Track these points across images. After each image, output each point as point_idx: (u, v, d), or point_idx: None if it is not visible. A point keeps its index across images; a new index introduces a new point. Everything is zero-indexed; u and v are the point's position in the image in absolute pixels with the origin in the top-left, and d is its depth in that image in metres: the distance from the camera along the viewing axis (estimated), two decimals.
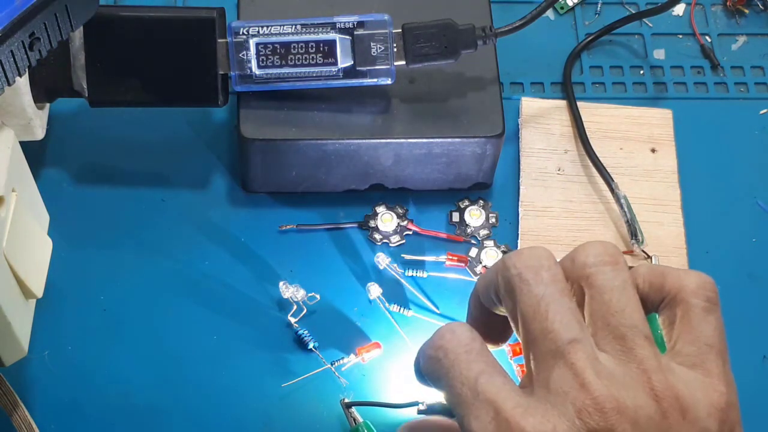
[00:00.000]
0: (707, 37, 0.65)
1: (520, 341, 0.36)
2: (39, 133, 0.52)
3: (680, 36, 0.65)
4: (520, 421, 0.33)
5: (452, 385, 0.36)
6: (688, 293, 0.36)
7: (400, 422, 0.49)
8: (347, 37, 0.52)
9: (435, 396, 0.49)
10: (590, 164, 0.58)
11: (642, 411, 0.33)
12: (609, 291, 0.36)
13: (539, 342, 0.35)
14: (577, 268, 0.37)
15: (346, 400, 0.49)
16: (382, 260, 0.54)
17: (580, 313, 0.36)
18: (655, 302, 0.37)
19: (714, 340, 0.36)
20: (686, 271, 0.38)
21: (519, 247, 0.55)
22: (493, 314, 0.40)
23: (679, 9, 0.66)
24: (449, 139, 0.54)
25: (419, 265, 0.55)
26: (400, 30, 0.52)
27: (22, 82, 0.49)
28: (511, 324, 0.37)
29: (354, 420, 0.49)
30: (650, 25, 0.65)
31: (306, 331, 0.52)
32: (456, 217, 0.57)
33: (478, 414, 0.34)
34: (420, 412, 0.49)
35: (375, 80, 0.53)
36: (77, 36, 0.51)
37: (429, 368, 0.38)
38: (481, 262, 0.55)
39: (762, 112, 0.62)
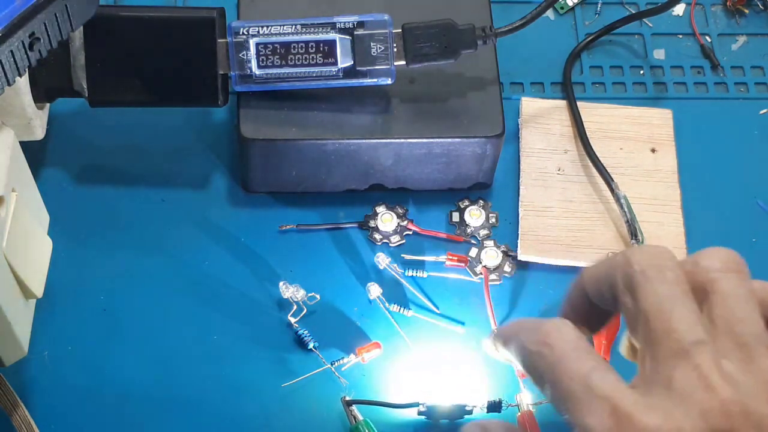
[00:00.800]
0: (707, 37, 0.65)
1: (636, 341, 0.36)
2: (39, 133, 0.52)
3: (680, 36, 0.65)
4: (642, 417, 0.33)
5: (559, 380, 0.35)
6: None
7: (400, 422, 0.50)
8: (347, 37, 0.52)
9: (435, 398, 0.49)
10: (590, 164, 0.58)
11: (766, 420, 0.33)
12: (734, 298, 0.35)
13: (661, 341, 0.34)
14: (701, 272, 0.36)
15: (347, 398, 0.49)
16: (382, 260, 0.54)
17: (704, 317, 0.35)
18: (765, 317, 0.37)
19: None
20: None
21: (519, 248, 0.55)
22: (594, 307, 0.39)
23: (679, 9, 0.66)
24: (449, 139, 0.54)
25: (419, 265, 0.55)
26: (400, 30, 0.52)
27: (22, 82, 0.49)
28: (627, 322, 0.36)
29: (354, 418, 0.49)
30: (650, 25, 0.65)
31: (306, 331, 0.52)
32: (456, 217, 0.57)
33: (594, 410, 0.33)
34: (420, 413, 0.49)
35: (375, 80, 0.53)
36: (77, 36, 0.51)
37: (531, 363, 0.36)
38: (481, 262, 0.55)
39: (762, 112, 0.62)
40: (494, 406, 0.49)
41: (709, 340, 0.34)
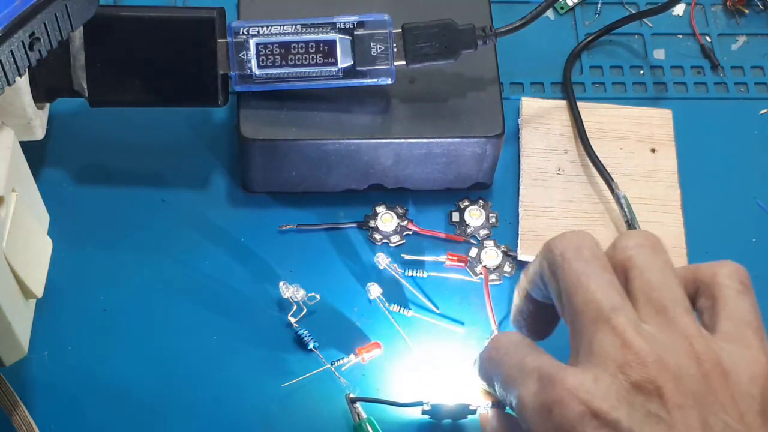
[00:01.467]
0: (707, 37, 0.65)
1: (566, 322, 0.38)
2: (39, 133, 0.52)
3: (680, 36, 0.65)
4: (562, 376, 0.35)
5: (504, 373, 0.38)
6: (723, 277, 0.38)
7: (403, 421, 0.50)
8: (347, 37, 0.52)
9: (438, 397, 0.49)
10: (590, 164, 0.58)
11: (684, 370, 0.34)
12: (650, 269, 0.37)
13: (582, 313, 0.36)
14: (619, 252, 0.38)
15: (352, 395, 0.50)
16: (382, 260, 0.54)
17: (622, 289, 0.37)
18: (691, 295, 0.38)
19: (750, 318, 0.37)
20: (717, 261, 0.39)
21: (519, 248, 0.55)
22: (539, 306, 0.41)
23: (679, 9, 0.66)
24: (449, 139, 0.54)
25: (419, 265, 0.55)
26: (400, 30, 0.52)
27: (22, 82, 0.49)
28: (557, 306, 0.38)
29: (358, 415, 0.49)
30: (650, 25, 0.65)
31: (306, 331, 0.52)
32: (456, 217, 0.57)
33: (524, 381, 0.36)
34: (424, 412, 0.49)
35: (375, 80, 0.53)
36: (77, 36, 0.51)
37: (485, 369, 0.40)
38: (481, 262, 0.55)
39: (762, 112, 0.62)
40: (498, 407, 0.49)
41: (628, 305, 0.36)
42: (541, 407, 0.35)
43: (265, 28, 0.52)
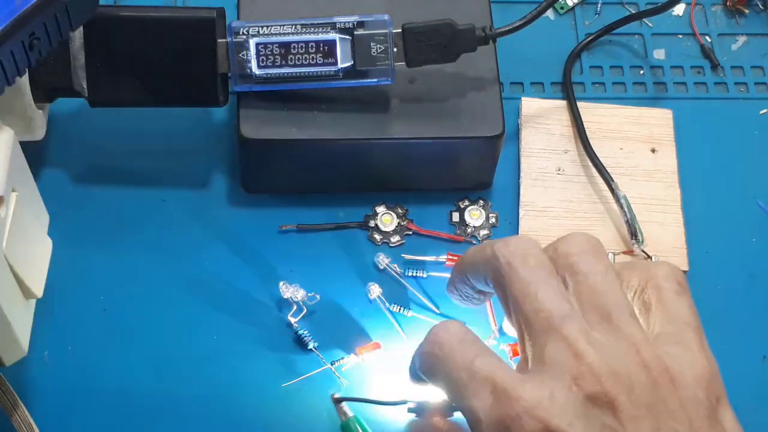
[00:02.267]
0: (707, 37, 0.65)
1: (514, 328, 0.38)
2: (39, 133, 0.52)
3: (680, 36, 0.65)
4: (517, 389, 0.35)
5: (449, 373, 0.37)
6: (660, 279, 0.38)
7: (392, 420, 0.50)
8: (347, 37, 0.52)
9: (426, 395, 0.49)
10: (590, 164, 0.58)
11: (635, 380, 0.34)
12: (593, 275, 0.37)
13: (532, 322, 0.36)
14: (561, 257, 0.38)
15: (337, 395, 0.50)
16: (382, 260, 0.54)
17: (570, 296, 0.37)
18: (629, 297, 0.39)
19: (689, 319, 0.37)
20: (653, 261, 0.40)
21: None
22: (477, 290, 0.43)
23: (679, 9, 0.66)
24: (449, 139, 0.54)
25: (419, 265, 0.55)
26: (400, 30, 0.52)
27: (22, 82, 0.49)
28: (504, 310, 0.39)
29: (344, 414, 0.49)
30: (650, 25, 0.65)
31: (306, 331, 0.52)
32: (456, 217, 0.57)
33: (476, 391, 0.36)
34: (410, 410, 0.49)
35: (375, 80, 0.53)
36: (77, 36, 0.51)
37: (426, 364, 0.39)
38: None
39: (762, 112, 0.62)
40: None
41: (577, 313, 0.36)
42: (497, 423, 0.35)
43: (265, 28, 0.52)
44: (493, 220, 0.57)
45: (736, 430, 0.36)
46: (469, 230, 0.56)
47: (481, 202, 0.57)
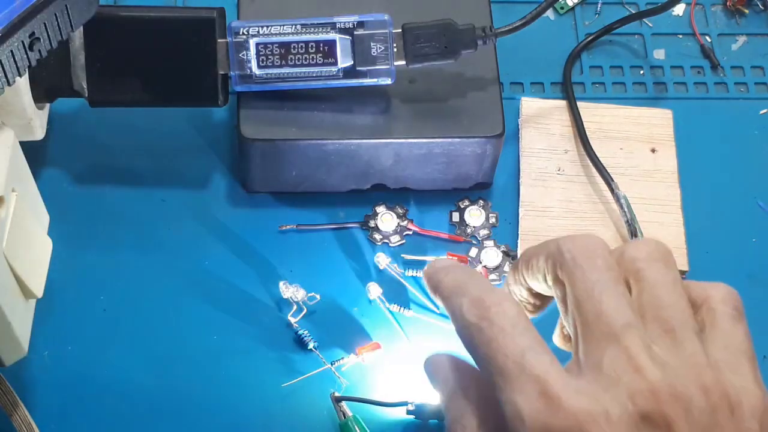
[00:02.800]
0: (707, 37, 0.65)
1: (569, 328, 0.36)
2: (39, 133, 0.52)
3: (680, 36, 0.65)
4: (570, 399, 0.33)
5: (494, 357, 0.35)
6: (717, 302, 0.37)
7: (391, 420, 0.50)
8: (347, 37, 0.52)
9: (423, 397, 0.49)
10: (590, 164, 0.58)
11: (694, 402, 0.33)
12: (661, 286, 0.36)
13: (592, 325, 0.34)
14: (627, 262, 0.36)
15: (337, 394, 0.50)
16: (382, 260, 0.54)
17: (634, 304, 0.35)
18: None
19: (745, 347, 0.36)
20: (710, 283, 0.38)
21: (519, 248, 0.55)
22: (535, 294, 0.40)
23: (679, 9, 0.66)
24: (449, 139, 0.54)
25: (419, 265, 0.55)
26: (400, 30, 0.52)
27: (22, 82, 0.49)
28: (560, 309, 0.37)
29: (343, 414, 0.49)
30: (650, 25, 0.65)
31: (306, 331, 0.52)
32: (456, 217, 0.57)
33: (523, 388, 0.33)
34: (409, 412, 0.49)
35: (375, 80, 0.53)
36: (77, 36, 0.51)
37: (468, 335, 0.36)
38: (481, 262, 0.55)
39: (762, 112, 0.62)
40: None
41: (639, 325, 0.34)
42: (542, 429, 0.33)
43: (265, 28, 0.52)
44: (493, 220, 0.57)
45: None
46: (469, 230, 0.56)
47: (481, 202, 0.57)
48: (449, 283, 0.37)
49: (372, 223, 0.56)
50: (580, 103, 0.61)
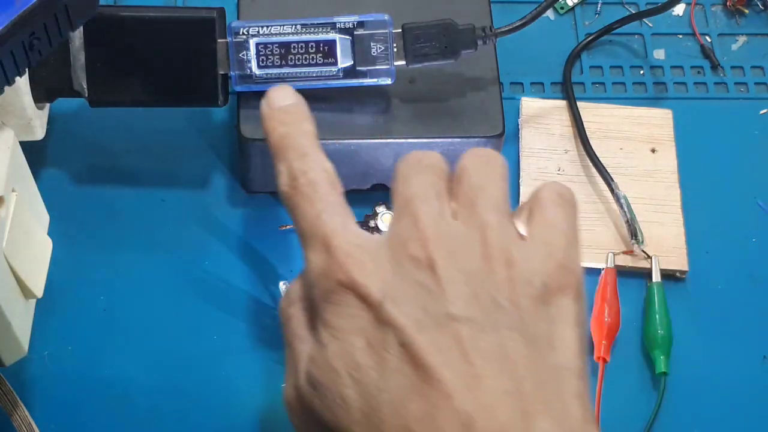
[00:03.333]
0: (707, 37, 0.65)
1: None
2: (39, 133, 0.52)
3: (680, 36, 0.65)
4: (344, 246, 0.35)
5: (297, 222, 0.38)
6: (542, 191, 0.38)
7: None
8: (347, 37, 0.52)
9: None
10: (590, 164, 0.58)
11: (465, 249, 0.35)
12: (476, 175, 0.37)
13: (394, 201, 0.37)
14: (458, 164, 0.39)
15: None
16: None
17: (446, 197, 0.37)
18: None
19: (563, 226, 0.37)
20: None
21: None
22: None
23: (679, 9, 0.66)
24: (449, 139, 0.54)
25: None
26: (400, 30, 0.52)
27: (22, 82, 0.49)
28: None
29: None
30: (650, 25, 0.65)
31: None
32: None
33: (314, 246, 0.36)
34: None
35: (375, 80, 0.53)
36: (77, 36, 0.51)
37: (283, 202, 0.40)
38: None
39: (762, 112, 0.62)
40: None
41: (435, 201, 0.36)
42: (322, 275, 0.35)
43: (265, 28, 0.52)
44: None
45: (569, 321, 0.34)
46: None
47: None
48: (275, 141, 0.41)
49: (372, 223, 0.56)
50: (580, 103, 0.61)
